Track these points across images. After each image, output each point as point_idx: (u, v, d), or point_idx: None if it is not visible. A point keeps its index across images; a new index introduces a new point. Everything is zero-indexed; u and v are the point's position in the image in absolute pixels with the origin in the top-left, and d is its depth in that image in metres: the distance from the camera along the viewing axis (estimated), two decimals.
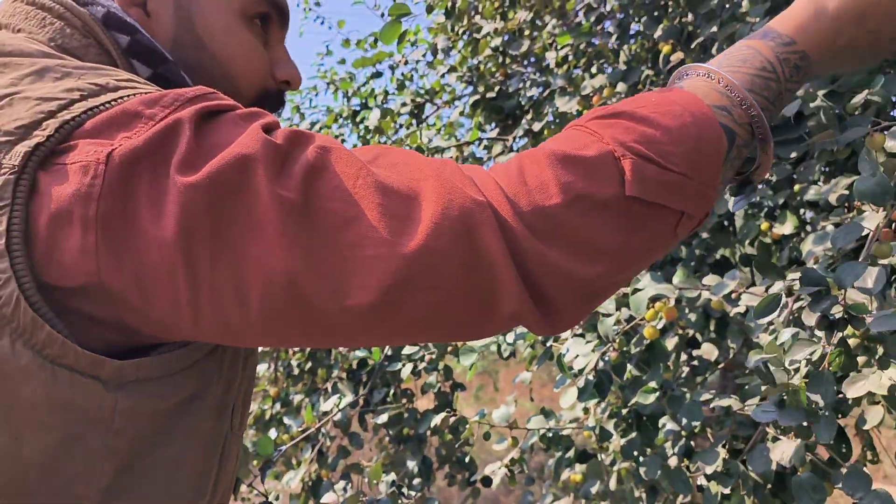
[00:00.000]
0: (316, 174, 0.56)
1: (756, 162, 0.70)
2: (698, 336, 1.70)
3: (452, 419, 1.47)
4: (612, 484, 1.81)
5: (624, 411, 1.31)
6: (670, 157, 0.60)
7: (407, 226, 0.55)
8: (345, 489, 1.49)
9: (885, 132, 0.88)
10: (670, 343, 1.53)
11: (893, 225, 0.84)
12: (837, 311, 0.82)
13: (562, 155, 0.59)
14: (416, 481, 2.19)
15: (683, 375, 1.36)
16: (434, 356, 1.75)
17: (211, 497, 0.68)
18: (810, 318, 0.83)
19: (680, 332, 1.39)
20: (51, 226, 0.52)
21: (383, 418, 1.69)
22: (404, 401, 2.19)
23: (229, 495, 0.78)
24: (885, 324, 0.74)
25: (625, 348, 1.18)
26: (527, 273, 0.58)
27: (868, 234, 0.90)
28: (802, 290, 0.80)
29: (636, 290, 1.15)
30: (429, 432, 2.23)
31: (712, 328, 1.62)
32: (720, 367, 1.38)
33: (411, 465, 2.19)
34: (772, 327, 1.09)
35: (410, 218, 0.55)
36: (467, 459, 1.89)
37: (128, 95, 0.57)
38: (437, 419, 1.45)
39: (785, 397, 0.84)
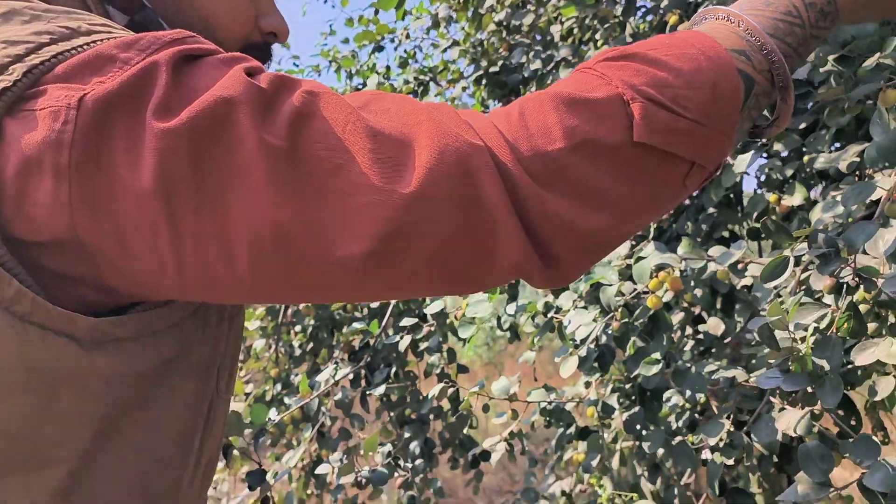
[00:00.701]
0: (303, 120, 0.53)
1: (775, 112, 0.66)
2: (704, 315, 1.67)
3: (451, 390, 1.44)
4: (615, 463, 1.79)
5: (627, 386, 1.28)
6: (683, 103, 0.57)
7: (400, 172, 0.52)
8: (340, 460, 1.47)
9: None
10: (676, 318, 1.51)
11: None
12: (848, 275, 0.78)
13: (567, 97, 0.56)
14: (419, 462, 2.17)
15: (688, 348, 1.33)
16: (433, 328, 1.73)
17: (196, 460, 0.66)
18: (819, 282, 0.80)
19: (686, 305, 1.36)
20: (20, 176, 0.49)
21: (381, 390, 1.67)
22: (408, 383, 2.17)
23: (217, 460, 0.76)
24: None
25: (627, 319, 1.15)
26: (527, 221, 0.55)
27: (881, 198, 0.87)
28: (812, 251, 0.77)
29: (640, 259, 1.12)
30: (432, 416, 2.21)
31: (719, 306, 1.59)
32: (726, 341, 1.35)
33: (413, 446, 2.18)
34: (779, 299, 1.06)
35: (404, 164, 0.53)
36: (466, 430, 1.87)
37: (101, 39, 0.54)
38: (435, 390, 1.42)
39: (790, 364, 0.81)
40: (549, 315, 1.28)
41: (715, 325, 1.33)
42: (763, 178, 1.87)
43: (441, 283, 0.58)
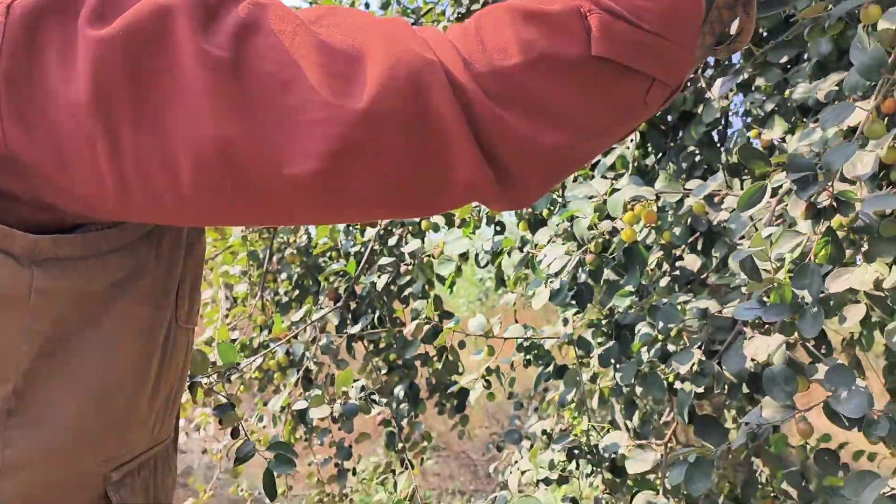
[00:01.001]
0: (248, 31, 0.51)
1: (737, 27, 0.64)
2: (684, 256, 1.67)
3: (427, 327, 1.44)
4: (594, 404, 1.81)
5: (603, 322, 1.29)
6: (643, 15, 0.55)
7: (351, 87, 0.51)
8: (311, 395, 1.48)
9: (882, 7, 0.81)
10: (654, 257, 1.50)
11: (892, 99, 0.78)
12: (825, 200, 0.77)
13: (523, 11, 0.54)
14: (403, 406, 2.19)
15: (664, 285, 1.33)
16: (410, 266, 1.72)
17: (154, 387, 0.65)
18: (796, 209, 0.78)
19: (663, 243, 1.35)
20: None
21: (357, 328, 1.67)
22: (394, 329, 2.18)
23: (181, 390, 0.75)
24: (878, 203, 0.70)
25: (601, 252, 1.14)
26: (483, 140, 0.53)
27: (859, 125, 0.85)
28: (789, 176, 0.75)
29: (615, 191, 1.10)
30: (418, 363, 2.23)
31: (699, 247, 1.59)
32: (703, 277, 1.35)
33: (398, 390, 2.20)
34: (757, 231, 1.05)
35: (354, 79, 0.51)
36: (444, 367, 1.88)
37: None
38: (411, 326, 1.43)
39: (766, 296, 0.81)
40: (525, 249, 1.27)
41: (692, 262, 1.33)
42: (748, 118, 1.84)
43: (395, 205, 0.57)
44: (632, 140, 1.56)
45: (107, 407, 0.59)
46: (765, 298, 0.86)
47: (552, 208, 1.39)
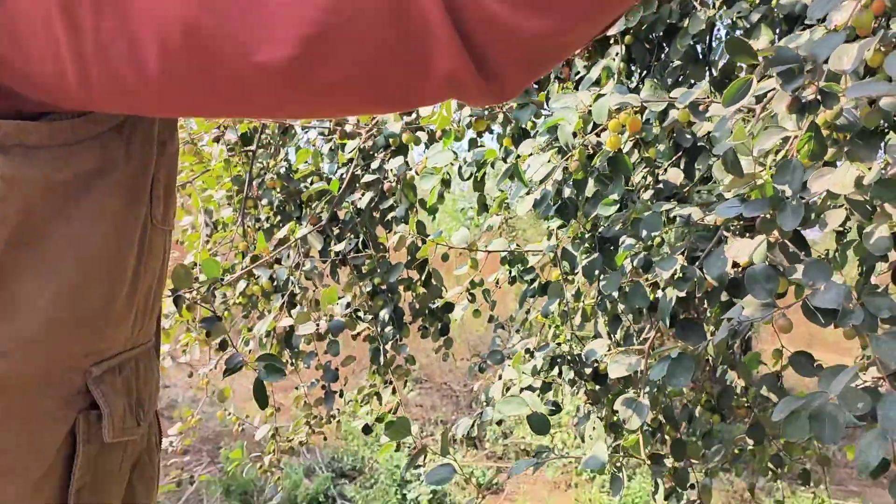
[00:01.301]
0: None
1: None
2: (668, 170, 1.67)
3: (410, 240, 1.44)
4: (577, 321, 1.84)
5: (587, 236, 1.29)
6: None
7: None
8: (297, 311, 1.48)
9: None
10: (638, 174, 1.50)
11: None
12: (810, 94, 0.76)
13: None
14: (389, 329, 2.22)
15: (647, 197, 1.33)
16: (393, 184, 1.71)
17: (131, 287, 0.64)
18: (780, 103, 0.78)
19: (646, 156, 1.35)
20: None
21: (340, 247, 1.67)
22: (377, 255, 2.18)
23: (160, 294, 0.75)
24: (862, 90, 0.69)
25: (585, 161, 1.13)
26: (464, 28, 0.51)
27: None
28: (774, 68, 0.74)
29: (599, 97, 1.09)
30: (402, 288, 2.24)
31: (682, 167, 1.58)
32: (686, 191, 1.35)
33: (383, 314, 2.22)
34: (741, 124, 1.05)
35: None
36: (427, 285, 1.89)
37: None
38: (394, 239, 1.43)
39: (747, 193, 0.81)
40: (510, 160, 1.26)
41: (675, 175, 1.33)
42: (735, 31, 1.81)
43: (370, 96, 0.55)
44: (617, 53, 1.54)
45: (81, 301, 0.58)
46: (747, 195, 0.86)
47: (536, 122, 1.37)
